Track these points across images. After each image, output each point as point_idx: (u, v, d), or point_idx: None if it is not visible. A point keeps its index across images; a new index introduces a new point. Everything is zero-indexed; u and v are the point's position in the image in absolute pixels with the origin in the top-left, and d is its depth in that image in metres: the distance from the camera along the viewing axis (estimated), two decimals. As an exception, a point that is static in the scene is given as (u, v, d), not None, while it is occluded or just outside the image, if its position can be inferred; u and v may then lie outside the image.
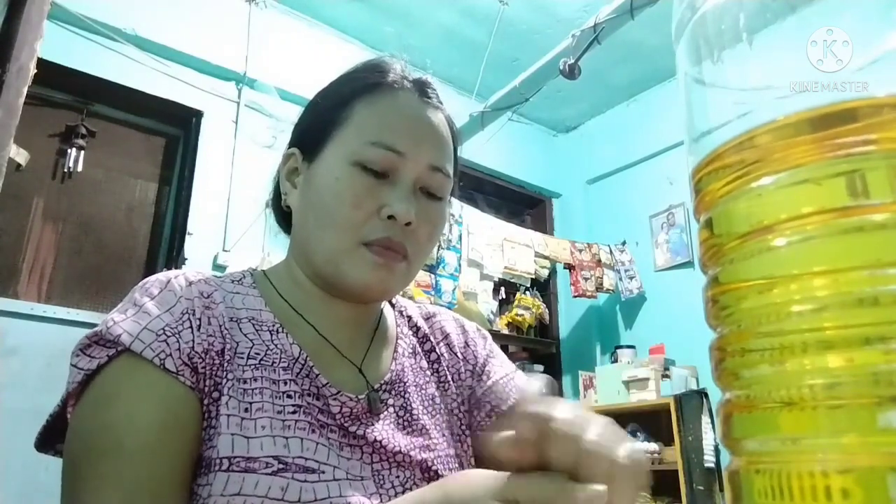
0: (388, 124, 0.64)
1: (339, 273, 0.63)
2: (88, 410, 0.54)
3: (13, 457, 2.08)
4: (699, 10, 0.45)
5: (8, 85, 1.43)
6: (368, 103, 0.66)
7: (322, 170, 0.65)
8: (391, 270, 0.63)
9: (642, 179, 4.07)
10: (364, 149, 0.63)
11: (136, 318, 0.56)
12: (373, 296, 0.66)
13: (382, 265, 0.62)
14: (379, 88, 0.67)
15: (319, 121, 0.68)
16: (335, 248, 0.63)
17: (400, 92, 0.67)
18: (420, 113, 0.67)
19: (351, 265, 0.62)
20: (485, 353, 0.78)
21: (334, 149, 0.65)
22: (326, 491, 0.54)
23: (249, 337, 0.61)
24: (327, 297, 0.67)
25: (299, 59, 3.23)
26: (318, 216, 0.64)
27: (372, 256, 0.62)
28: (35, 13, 1.53)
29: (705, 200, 0.44)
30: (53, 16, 2.34)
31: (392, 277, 0.63)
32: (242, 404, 0.56)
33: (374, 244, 0.62)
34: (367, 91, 0.66)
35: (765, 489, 0.35)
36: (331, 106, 0.68)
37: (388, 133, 0.63)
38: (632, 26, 2.47)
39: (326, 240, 0.63)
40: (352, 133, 0.64)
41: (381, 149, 0.63)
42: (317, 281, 0.67)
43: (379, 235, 0.62)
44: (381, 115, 0.65)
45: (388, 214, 0.62)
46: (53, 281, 2.62)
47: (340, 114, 0.66)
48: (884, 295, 0.34)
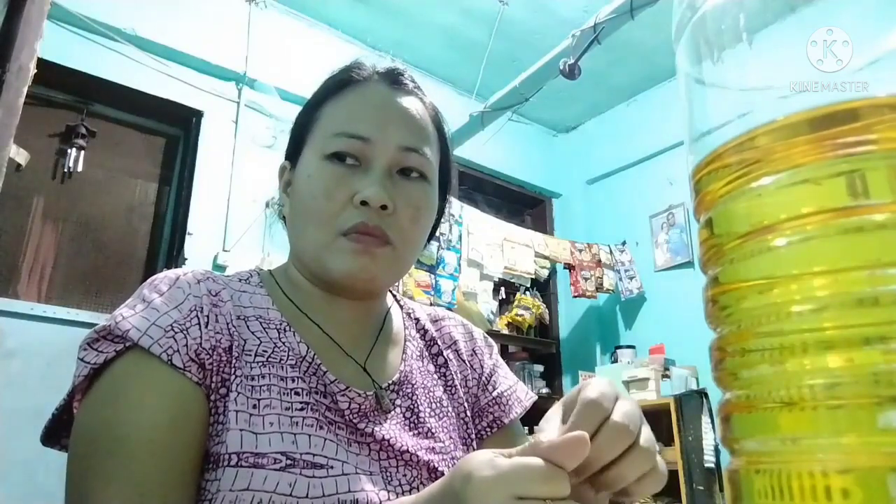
0: (352, 114, 0.66)
1: (324, 266, 0.64)
2: (96, 405, 0.54)
3: (13, 457, 2.09)
4: (699, 10, 0.45)
5: (8, 85, 1.44)
6: (335, 101, 0.68)
7: (299, 172, 0.68)
8: (373, 256, 0.63)
9: (642, 179, 4.07)
10: (330, 141, 0.65)
11: (144, 313, 0.56)
12: (361, 285, 0.66)
13: (362, 251, 0.62)
14: (347, 85, 0.69)
15: (296, 129, 0.71)
16: (317, 242, 0.64)
17: (367, 83, 0.69)
18: (386, 99, 0.68)
19: (332, 256, 0.63)
20: (491, 364, 0.78)
21: (308, 151, 0.67)
22: (335, 486, 0.55)
23: (257, 335, 0.62)
24: (328, 296, 0.68)
25: (299, 59, 3.24)
26: (300, 215, 0.66)
27: (350, 244, 0.62)
28: (35, 13, 1.53)
29: (705, 200, 0.44)
30: (53, 16, 2.34)
31: (375, 263, 0.63)
32: (251, 401, 0.57)
33: (349, 231, 0.62)
34: (335, 90, 0.69)
35: (765, 489, 0.35)
36: (304, 112, 0.71)
37: (352, 122, 0.65)
38: (632, 26, 2.47)
39: (309, 236, 0.65)
40: (320, 131, 0.67)
41: (344, 138, 0.64)
42: (314, 281, 0.68)
43: (354, 222, 0.62)
44: (346, 108, 0.67)
45: (361, 200, 0.62)
46: (53, 281, 2.62)
47: (312, 116, 0.69)
48: (884, 295, 0.34)
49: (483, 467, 0.40)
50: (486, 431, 0.73)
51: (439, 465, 0.64)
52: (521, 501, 0.38)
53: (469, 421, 0.72)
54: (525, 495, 0.38)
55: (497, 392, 0.76)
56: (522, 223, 4.19)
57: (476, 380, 0.76)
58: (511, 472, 0.39)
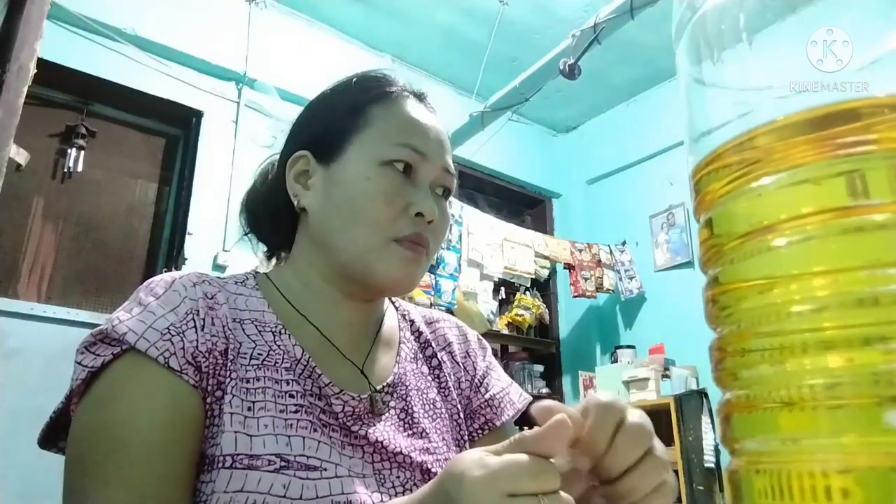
0: (409, 128, 0.68)
1: (369, 269, 0.64)
2: (93, 408, 0.54)
3: (13, 457, 2.08)
4: (699, 10, 0.45)
5: (8, 85, 1.44)
6: (384, 109, 0.69)
7: (349, 171, 0.66)
8: (419, 265, 0.66)
9: (642, 179, 4.07)
10: (391, 149, 0.66)
11: (141, 316, 0.57)
12: (400, 290, 0.68)
13: (412, 260, 0.65)
14: (391, 96, 0.71)
15: (335, 125, 0.70)
16: (365, 244, 0.64)
17: (407, 99, 0.71)
18: (430, 119, 0.71)
19: (382, 261, 0.64)
20: (484, 366, 0.79)
21: (357, 151, 0.67)
22: (328, 488, 0.55)
23: (252, 338, 0.62)
24: (337, 297, 0.68)
25: (299, 59, 3.23)
26: (346, 215, 0.65)
27: (403, 251, 0.64)
28: (35, 13, 1.53)
29: (705, 200, 0.44)
30: (53, 16, 2.34)
31: (419, 272, 0.66)
32: (245, 403, 0.57)
33: (404, 240, 0.64)
34: (381, 98, 0.70)
35: (765, 489, 0.35)
36: (346, 111, 0.70)
37: (411, 135, 0.67)
38: (632, 26, 2.47)
39: (357, 237, 0.65)
40: (374, 136, 0.67)
41: (407, 149, 0.66)
42: (335, 281, 0.68)
43: (410, 231, 0.64)
44: (400, 119, 0.69)
45: (417, 212, 0.65)
46: (53, 281, 2.62)
47: (357, 119, 0.69)
48: (884, 295, 0.34)
49: (474, 467, 0.41)
50: (477, 433, 0.74)
51: (433, 466, 0.64)
52: (513, 499, 0.39)
53: (462, 423, 0.73)
54: (517, 492, 0.39)
55: (489, 394, 0.76)
56: (522, 223, 4.19)
57: (469, 381, 0.76)
58: (501, 469, 0.40)
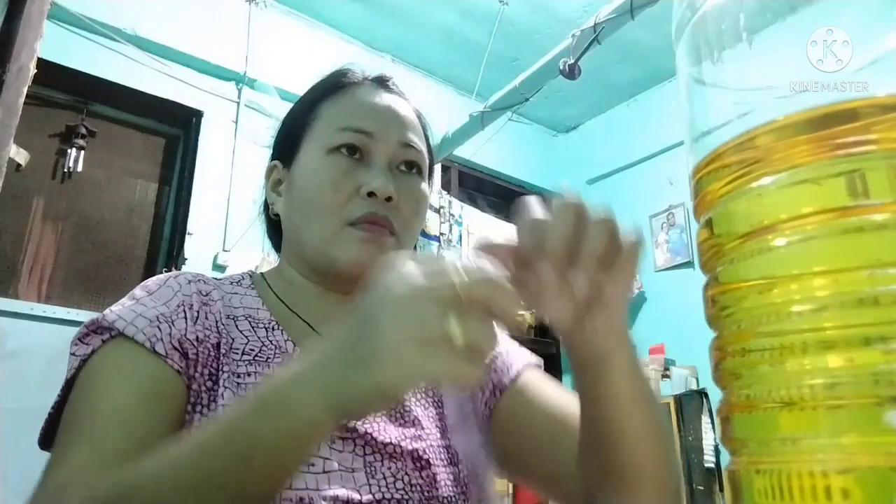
0: (353, 111, 0.69)
1: (330, 257, 0.65)
2: (78, 385, 0.56)
3: (13, 457, 2.08)
4: (699, 10, 0.45)
5: (8, 85, 1.44)
6: (332, 101, 0.71)
7: (301, 167, 0.69)
8: (380, 245, 0.65)
9: (642, 179, 4.06)
10: (335, 135, 0.67)
11: (132, 307, 0.59)
12: (366, 273, 0.66)
13: (370, 240, 0.64)
14: (341, 87, 0.72)
15: (291, 128, 0.72)
16: (323, 233, 0.65)
17: (360, 86, 0.72)
18: (382, 99, 0.71)
19: (340, 246, 0.64)
20: None
21: (308, 147, 0.69)
22: (315, 482, 0.56)
23: (245, 334, 0.63)
24: (323, 291, 0.69)
25: (299, 59, 3.23)
26: (303, 209, 0.67)
27: (359, 233, 0.64)
28: (35, 13, 1.53)
29: (705, 200, 0.44)
30: (53, 16, 2.34)
31: (381, 251, 0.65)
32: (237, 397, 0.58)
33: (358, 221, 0.64)
34: (330, 92, 0.71)
35: (765, 489, 0.35)
36: (299, 113, 0.73)
37: (356, 118, 0.68)
38: (632, 26, 2.47)
39: (314, 228, 0.66)
40: (321, 128, 0.69)
41: (350, 132, 0.67)
42: (311, 276, 0.69)
43: (363, 212, 0.64)
44: (346, 106, 0.70)
45: (368, 191, 0.64)
46: (53, 281, 2.62)
47: (308, 117, 0.71)
48: (884, 295, 0.34)
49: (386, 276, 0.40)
50: (491, 401, 0.71)
51: (424, 453, 0.64)
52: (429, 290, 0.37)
53: (464, 402, 0.71)
54: (441, 289, 0.37)
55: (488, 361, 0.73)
56: (522, 223, 4.18)
57: None
58: (416, 268, 0.39)
